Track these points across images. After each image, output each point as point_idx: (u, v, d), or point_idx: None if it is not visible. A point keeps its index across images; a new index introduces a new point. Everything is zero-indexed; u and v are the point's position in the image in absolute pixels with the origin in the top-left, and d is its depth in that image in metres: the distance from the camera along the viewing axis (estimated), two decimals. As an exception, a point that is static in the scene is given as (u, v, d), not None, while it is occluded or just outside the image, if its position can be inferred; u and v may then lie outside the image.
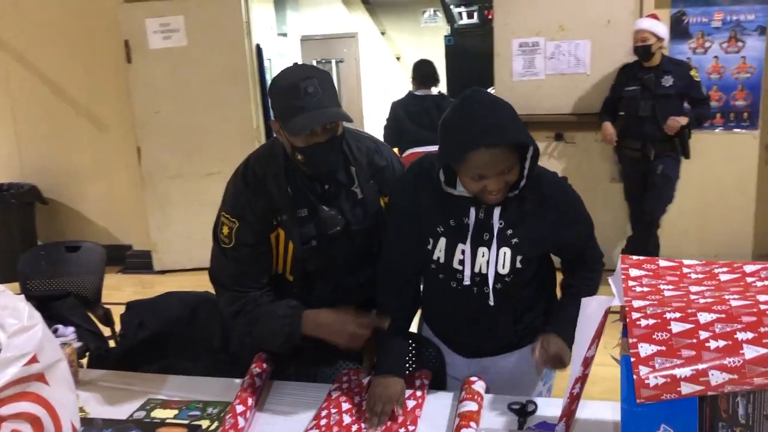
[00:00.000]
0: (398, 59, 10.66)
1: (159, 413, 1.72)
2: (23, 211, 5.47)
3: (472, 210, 1.61)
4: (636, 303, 1.22)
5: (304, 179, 1.72)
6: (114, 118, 5.44)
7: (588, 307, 1.34)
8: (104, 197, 5.70)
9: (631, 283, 1.29)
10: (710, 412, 1.15)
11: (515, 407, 1.63)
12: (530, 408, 1.62)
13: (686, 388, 1.10)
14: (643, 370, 1.13)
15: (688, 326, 1.15)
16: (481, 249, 1.62)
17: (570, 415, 1.42)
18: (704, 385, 1.09)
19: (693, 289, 1.25)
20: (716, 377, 1.09)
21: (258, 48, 5.37)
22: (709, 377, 1.09)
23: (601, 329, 1.30)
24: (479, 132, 1.45)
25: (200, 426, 1.64)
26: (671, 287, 1.27)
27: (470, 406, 1.56)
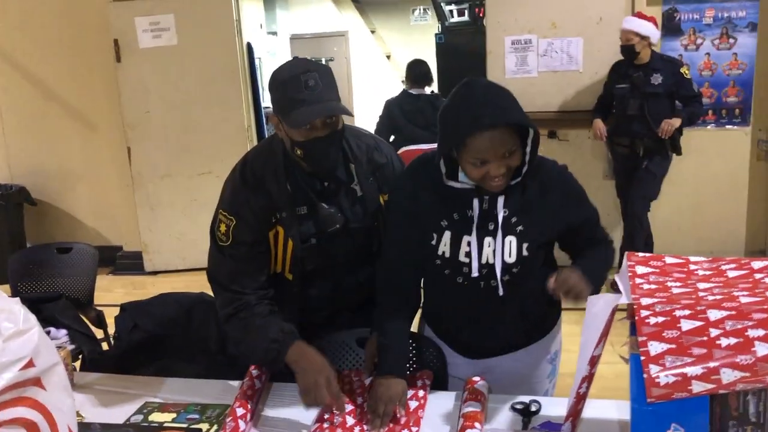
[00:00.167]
0: (388, 58, 10.64)
1: (157, 417, 1.69)
2: (12, 213, 5.39)
3: (475, 201, 1.60)
4: (644, 300, 1.21)
5: (304, 176, 1.70)
6: (103, 118, 5.37)
7: (594, 306, 1.33)
8: (94, 198, 5.64)
9: (638, 281, 1.28)
10: (721, 411, 1.14)
11: (518, 407, 1.61)
12: (534, 408, 1.60)
13: (697, 387, 1.09)
14: (654, 369, 1.11)
15: (698, 323, 1.14)
16: (487, 239, 1.61)
17: (576, 415, 1.41)
18: (716, 384, 1.08)
19: (701, 286, 1.24)
20: (728, 375, 1.08)
21: (249, 46, 5.33)
22: (721, 375, 1.08)
23: (609, 328, 1.29)
24: (478, 115, 1.45)
25: (200, 429, 1.61)
26: (679, 284, 1.26)
27: (474, 407, 1.54)
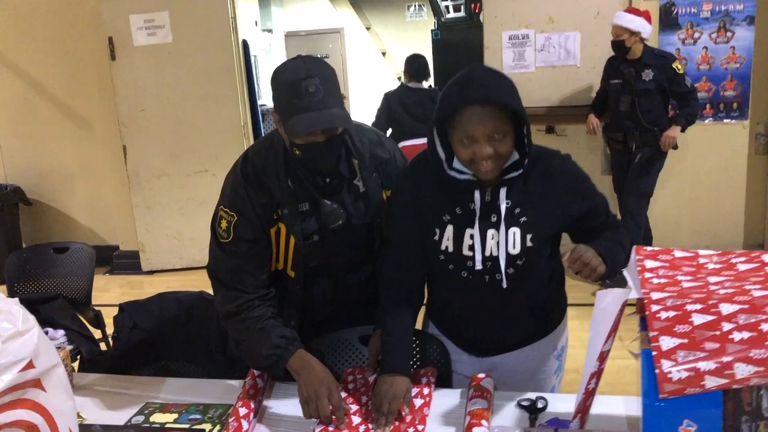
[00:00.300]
0: (384, 54, 10.61)
1: (158, 417, 1.67)
2: (7, 213, 5.36)
3: (477, 193, 1.58)
4: (654, 295, 1.19)
5: (305, 172, 1.68)
6: (98, 117, 5.33)
7: (603, 301, 1.31)
8: (90, 197, 5.60)
9: (648, 275, 1.26)
10: (733, 406, 1.12)
11: (525, 404, 1.60)
12: (540, 404, 1.58)
13: (711, 382, 1.07)
14: (666, 364, 1.10)
15: (711, 318, 1.12)
16: (490, 231, 1.59)
17: (585, 411, 1.39)
18: (729, 379, 1.07)
19: (712, 280, 1.22)
20: (741, 370, 1.06)
21: (244, 44, 5.29)
22: (734, 370, 1.06)
23: (618, 323, 1.27)
24: (470, 90, 1.48)
25: (203, 430, 1.59)
26: (689, 278, 1.24)
27: (480, 404, 1.53)
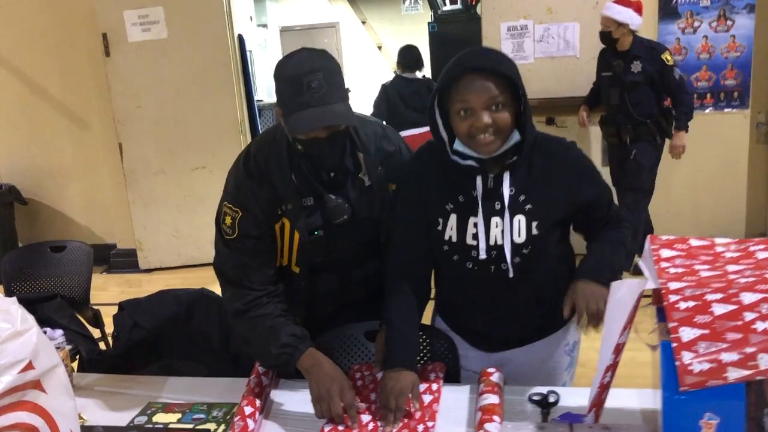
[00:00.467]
0: (380, 48, 10.57)
1: (161, 418, 1.63)
2: (2, 213, 5.31)
3: (479, 180, 1.55)
4: (672, 285, 1.16)
5: (310, 167, 1.64)
6: (94, 114, 5.28)
7: (618, 292, 1.28)
8: (86, 196, 5.55)
9: (664, 265, 1.23)
10: (756, 398, 1.09)
11: (536, 398, 1.56)
12: (552, 399, 1.55)
13: (734, 374, 1.04)
14: (687, 356, 1.07)
15: (732, 307, 1.09)
16: (494, 219, 1.55)
17: (600, 405, 1.36)
18: (753, 369, 1.03)
19: (731, 269, 1.19)
20: (765, 361, 1.03)
21: (240, 39, 5.25)
22: (758, 361, 1.03)
23: (634, 315, 1.24)
24: (468, 61, 1.48)
25: (207, 430, 1.56)
26: (707, 267, 1.21)
27: (491, 399, 1.49)
